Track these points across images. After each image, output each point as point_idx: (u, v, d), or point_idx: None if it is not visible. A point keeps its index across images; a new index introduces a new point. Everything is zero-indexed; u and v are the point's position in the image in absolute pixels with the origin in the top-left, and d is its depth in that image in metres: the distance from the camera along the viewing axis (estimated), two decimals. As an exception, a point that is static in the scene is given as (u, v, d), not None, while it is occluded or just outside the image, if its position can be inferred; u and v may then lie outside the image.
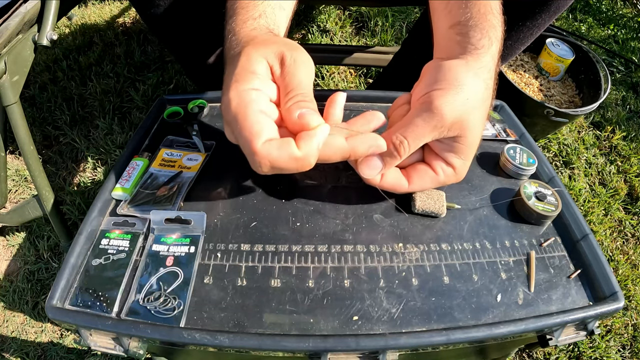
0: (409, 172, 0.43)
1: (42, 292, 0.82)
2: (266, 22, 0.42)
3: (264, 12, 0.42)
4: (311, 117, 0.35)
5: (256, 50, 0.37)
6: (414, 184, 0.42)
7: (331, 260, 0.41)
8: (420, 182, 0.42)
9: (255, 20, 0.41)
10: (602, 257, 0.42)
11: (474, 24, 0.40)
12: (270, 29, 0.42)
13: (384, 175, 0.41)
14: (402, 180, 0.42)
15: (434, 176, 0.42)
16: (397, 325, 0.37)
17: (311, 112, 0.35)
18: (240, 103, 0.34)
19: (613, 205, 1.02)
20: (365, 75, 1.24)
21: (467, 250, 0.43)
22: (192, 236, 0.42)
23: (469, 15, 0.40)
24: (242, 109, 0.34)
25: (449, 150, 0.40)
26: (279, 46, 0.37)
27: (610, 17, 1.60)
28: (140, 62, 1.23)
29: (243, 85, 0.35)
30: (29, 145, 0.64)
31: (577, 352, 0.80)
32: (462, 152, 0.40)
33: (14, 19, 0.53)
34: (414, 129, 0.38)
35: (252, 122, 0.34)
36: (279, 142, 0.33)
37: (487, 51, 0.39)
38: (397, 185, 0.42)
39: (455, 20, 0.41)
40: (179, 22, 0.66)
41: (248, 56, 0.37)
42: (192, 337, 0.35)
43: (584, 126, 1.20)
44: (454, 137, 0.39)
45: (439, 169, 0.42)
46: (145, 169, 0.48)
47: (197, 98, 0.57)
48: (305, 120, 0.34)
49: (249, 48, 0.37)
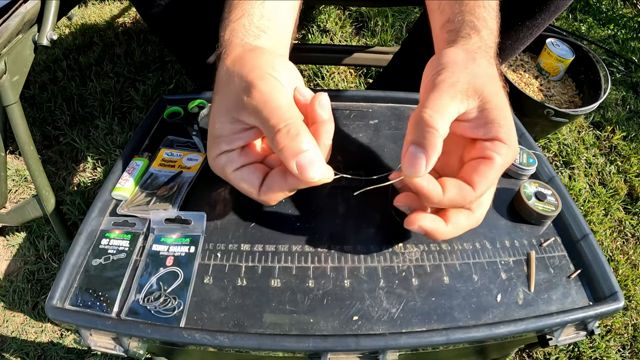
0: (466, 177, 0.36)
1: (42, 292, 0.82)
2: (246, 21, 0.40)
3: (248, 10, 0.40)
4: (311, 171, 0.33)
5: (219, 106, 0.37)
6: (479, 184, 0.35)
7: (331, 260, 0.41)
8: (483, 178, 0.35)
9: (235, 23, 0.40)
10: (602, 257, 0.42)
11: (462, 19, 0.40)
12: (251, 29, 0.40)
13: (444, 188, 0.35)
14: (464, 187, 0.35)
15: (490, 162, 0.35)
16: (397, 325, 0.37)
17: (309, 165, 0.33)
18: (218, 170, 0.39)
19: (613, 205, 1.02)
20: (365, 75, 1.24)
21: (467, 250, 0.43)
22: (192, 236, 0.42)
23: (458, 12, 0.40)
24: (224, 175, 0.38)
25: (484, 123, 0.35)
26: (237, 85, 0.35)
27: (610, 17, 1.60)
28: (140, 62, 1.23)
29: (212, 154, 0.38)
30: (29, 145, 0.64)
31: (577, 352, 0.80)
32: (497, 117, 0.35)
33: (14, 19, 0.53)
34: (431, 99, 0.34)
35: (239, 184, 0.38)
36: (269, 183, 0.37)
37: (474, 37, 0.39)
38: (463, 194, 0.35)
39: (446, 18, 0.41)
40: (180, 22, 0.66)
41: (213, 117, 0.38)
42: (192, 337, 0.35)
43: (584, 126, 1.20)
44: (480, 106, 0.35)
45: (488, 152, 0.35)
46: (145, 169, 0.48)
47: (197, 98, 0.57)
48: (306, 176, 0.33)
49: (215, 99, 0.38)
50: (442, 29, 0.42)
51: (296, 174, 0.34)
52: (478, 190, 0.35)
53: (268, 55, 0.37)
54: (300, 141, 0.33)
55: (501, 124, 0.35)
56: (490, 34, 0.40)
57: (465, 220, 0.37)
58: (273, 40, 0.41)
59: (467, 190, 0.35)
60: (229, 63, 0.37)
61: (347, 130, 0.55)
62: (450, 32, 0.40)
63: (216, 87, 0.38)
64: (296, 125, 0.34)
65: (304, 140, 0.33)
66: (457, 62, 0.36)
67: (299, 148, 0.33)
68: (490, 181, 0.35)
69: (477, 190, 0.35)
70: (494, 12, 0.42)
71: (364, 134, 0.55)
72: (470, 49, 0.38)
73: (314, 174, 0.34)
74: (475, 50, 0.38)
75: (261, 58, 0.37)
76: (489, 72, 0.36)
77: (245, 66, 0.36)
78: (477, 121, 0.36)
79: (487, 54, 0.38)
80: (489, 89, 0.35)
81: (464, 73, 0.35)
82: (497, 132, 0.35)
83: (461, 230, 0.38)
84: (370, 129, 0.56)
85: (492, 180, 0.35)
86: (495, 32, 0.41)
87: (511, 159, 0.36)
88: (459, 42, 0.39)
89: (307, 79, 1.22)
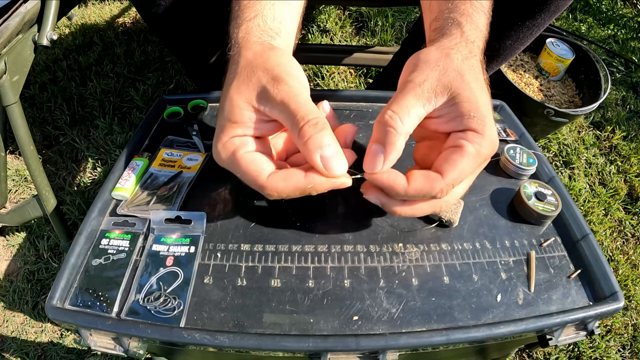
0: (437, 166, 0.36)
1: (42, 292, 0.82)
2: (261, 21, 0.41)
3: (260, 11, 0.41)
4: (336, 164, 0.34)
5: (239, 95, 0.36)
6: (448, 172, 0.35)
7: (331, 260, 0.41)
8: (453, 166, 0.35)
9: (250, 22, 0.40)
10: (602, 257, 0.42)
11: (447, 16, 0.40)
12: (266, 29, 0.40)
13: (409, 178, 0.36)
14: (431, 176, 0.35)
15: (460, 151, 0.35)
16: (397, 325, 0.37)
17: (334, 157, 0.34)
18: (226, 154, 0.37)
19: (613, 205, 1.02)
20: (365, 75, 1.24)
21: (467, 250, 0.43)
22: (192, 236, 0.42)
23: (444, 9, 0.40)
24: (231, 158, 0.36)
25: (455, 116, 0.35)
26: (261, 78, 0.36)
27: (610, 17, 1.60)
28: (140, 62, 1.23)
29: (225, 136, 0.37)
30: (29, 145, 0.64)
31: (577, 352, 0.79)
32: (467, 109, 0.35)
33: (14, 19, 0.53)
34: (396, 101, 0.35)
35: (247, 165, 0.36)
36: (284, 174, 0.35)
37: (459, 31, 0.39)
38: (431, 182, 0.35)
39: (434, 16, 0.41)
40: (180, 22, 0.66)
41: (231, 103, 0.37)
42: (192, 337, 0.35)
43: (584, 126, 1.20)
44: (450, 100, 0.35)
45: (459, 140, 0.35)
46: (145, 169, 0.48)
47: (197, 98, 0.57)
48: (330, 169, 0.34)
49: (232, 89, 0.37)
50: (429, 28, 0.42)
51: (319, 167, 0.34)
52: (447, 178, 0.34)
53: (288, 56, 0.38)
54: (326, 134, 0.34)
55: (472, 116, 0.35)
56: (474, 29, 0.39)
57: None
58: (284, 43, 0.42)
59: (435, 179, 0.35)
60: (250, 57, 0.37)
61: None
62: (435, 30, 0.40)
63: (233, 77, 0.38)
64: (323, 121, 0.34)
65: (329, 134, 0.34)
66: (429, 60, 0.36)
67: (324, 141, 0.33)
68: (461, 169, 0.34)
69: (446, 178, 0.34)
70: (482, 7, 0.41)
71: (364, 134, 0.55)
72: (446, 46, 0.38)
73: (338, 168, 0.34)
74: (451, 47, 0.37)
75: (283, 57, 0.37)
76: (461, 66, 0.36)
77: (270, 61, 0.36)
78: (448, 116, 0.36)
79: (466, 48, 0.38)
80: (458, 84, 0.35)
81: (434, 70, 0.35)
82: (468, 123, 0.35)
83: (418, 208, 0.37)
84: (370, 129, 0.55)
85: (463, 168, 0.35)
86: (481, 27, 0.40)
87: (488, 149, 0.35)
88: (437, 41, 0.39)
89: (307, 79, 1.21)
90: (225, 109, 0.37)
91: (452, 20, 0.40)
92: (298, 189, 0.35)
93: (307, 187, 0.35)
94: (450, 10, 0.40)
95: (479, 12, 0.41)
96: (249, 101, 0.36)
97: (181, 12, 0.64)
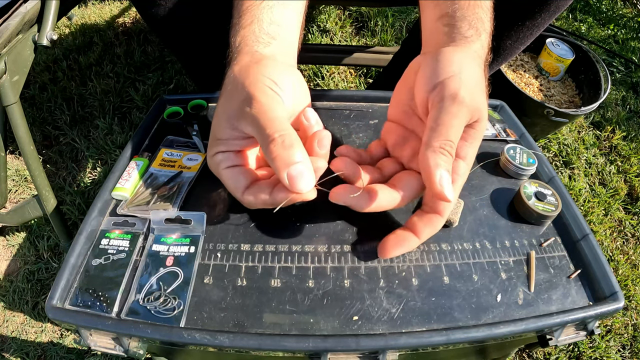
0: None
1: (42, 292, 0.82)
2: (258, 28, 0.41)
3: (257, 16, 0.41)
4: (301, 182, 0.34)
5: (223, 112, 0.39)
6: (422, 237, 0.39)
7: (331, 260, 0.41)
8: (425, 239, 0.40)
9: (246, 29, 0.41)
10: (602, 257, 0.42)
11: (462, 15, 0.40)
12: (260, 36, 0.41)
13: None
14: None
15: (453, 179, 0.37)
16: (397, 325, 0.37)
17: (300, 175, 0.34)
18: (214, 167, 0.41)
19: (613, 205, 1.02)
20: (365, 75, 1.24)
21: (467, 250, 0.43)
22: (192, 236, 0.42)
23: (457, 7, 0.40)
24: (217, 172, 0.40)
25: (464, 139, 0.38)
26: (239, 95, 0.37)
27: (610, 17, 1.60)
28: (140, 62, 1.23)
29: (210, 152, 0.40)
30: (29, 145, 0.64)
31: (577, 352, 0.80)
32: (477, 138, 0.38)
33: (14, 19, 0.53)
34: (449, 128, 0.35)
35: (226, 180, 0.40)
36: (253, 190, 0.38)
37: (477, 40, 0.39)
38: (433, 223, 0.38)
39: (443, 12, 0.41)
40: (180, 22, 0.66)
41: (217, 120, 0.40)
42: (192, 337, 0.35)
43: (584, 126, 1.20)
44: (472, 124, 0.37)
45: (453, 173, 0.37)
46: (145, 169, 0.48)
47: (197, 98, 0.57)
48: (294, 186, 0.34)
49: (220, 102, 0.40)
50: (438, 21, 0.41)
51: (286, 184, 0.34)
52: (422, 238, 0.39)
53: (274, 67, 0.38)
54: (294, 152, 0.34)
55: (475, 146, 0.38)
56: (487, 38, 0.40)
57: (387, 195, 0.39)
58: (282, 47, 0.42)
59: (412, 241, 0.39)
60: (236, 71, 0.39)
61: (347, 130, 0.55)
62: (449, 26, 0.40)
63: (222, 91, 0.40)
64: (290, 137, 0.34)
65: (297, 151, 0.34)
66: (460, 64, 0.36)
67: (291, 159, 0.34)
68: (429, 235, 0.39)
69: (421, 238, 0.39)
70: (489, 12, 0.42)
71: (364, 134, 0.55)
72: (469, 51, 0.38)
73: (303, 186, 0.34)
74: (473, 52, 0.38)
75: (266, 70, 0.38)
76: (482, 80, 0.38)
77: (248, 77, 0.37)
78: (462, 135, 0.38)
79: (481, 58, 0.39)
80: (484, 105, 0.37)
81: (471, 83, 0.36)
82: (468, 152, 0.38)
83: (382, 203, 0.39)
84: (370, 129, 0.56)
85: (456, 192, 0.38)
86: (490, 36, 0.41)
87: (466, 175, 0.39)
88: (456, 42, 0.39)
89: (307, 79, 1.22)
90: (213, 125, 0.40)
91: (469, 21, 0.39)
92: (266, 203, 0.38)
93: (274, 201, 0.37)
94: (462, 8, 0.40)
95: (488, 18, 0.41)
96: (228, 119, 0.38)
97: (181, 13, 0.64)
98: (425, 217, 0.38)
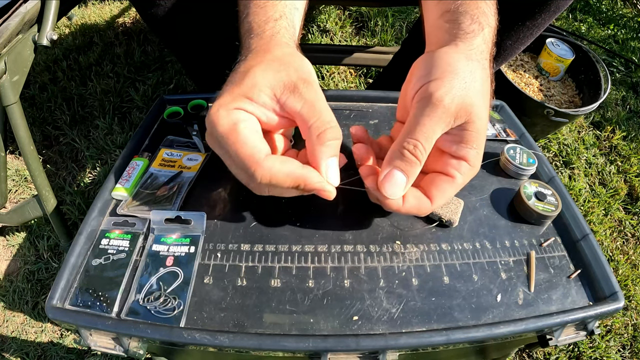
0: (426, 189, 0.39)
1: (42, 292, 0.82)
2: (287, 24, 0.41)
3: (284, 13, 0.41)
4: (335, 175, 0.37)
5: (264, 76, 0.36)
6: (437, 199, 0.39)
7: (331, 260, 0.41)
8: (442, 194, 0.38)
9: (276, 22, 0.40)
10: (602, 257, 0.42)
11: (464, 10, 0.39)
12: (292, 34, 0.41)
13: (405, 198, 0.38)
14: (423, 200, 0.39)
15: (451, 180, 0.38)
16: (397, 325, 0.37)
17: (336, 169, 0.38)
18: (227, 122, 0.35)
19: (613, 205, 1.02)
20: (365, 75, 1.24)
21: (467, 250, 0.43)
22: (192, 236, 0.42)
23: (459, 3, 0.40)
24: (232, 128, 0.35)
25: (458, 142, 0.37)
26: (291, 74, 0.36)
27: (610, 17, 1.60)
28: (140, 62, 1.23)
29: (228, 105, 0.35)
30: (29, 145, 0.64)
31: (577, 352, 0.80)
32: (473, 139, 0.37)
33: (14, 19, 0.53)
34: (421, 128, 0.35)
35: (244, 140, 0.35)
36: (282, 157, 0.36)
37: (478, 34, 0.38)
38: (421, 206, 0.39)
39: (445, 8, 0.40)
40: (180, 22, 0.66)
41: (253, 80, 0.36)
42: (192, 337, 0.35)
43: (584, 126, 1.20)
44: (462, 125, 0.36)
45: (452, 170, 0.38)
46: (145, 169, 0.48)
47: (197, 98, 0.57)
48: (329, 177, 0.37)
49: (257, 69, 0.36)
50: (440, 18, 0.41)
51: (322, 170, 0.37)
52: (435, 204, 0.39)
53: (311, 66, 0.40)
54: (339, 145, 0.37)
55: (474, 147, 0.37)
56: (490, 32, 0.40)
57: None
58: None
59: (425, 203, 0.39)
60: (280, 54, 0.38)
61: (347, 130, 0.55)
62: (451, 22, 0.40)
63: (258, 62, 0.37)
64: (340, 132, 0.37)
65: (339, 146, 0.37)
66: (451, 65, 0.36)
67: (337, 150, 0.37)
68: (448, 195, 0.39)
69: (434, 204, 0.39)
70: (493, 7, 0.41)
71: (364, 134, 0.55)
72: (466, 49, 0.37)
73: (335, 179, 0.37)
74: (470, 50, 0.38)
75: (310, 66, 0.39)
76: (480, 78, 0.37)
77: (303, 66, 0.38)
78: (453, 138, 0.38)
79: (483, 53, 0.38)
80: (477, 107, 0.36)
81: (456, 85, 0.35)
82: (466, 154, 0.37)
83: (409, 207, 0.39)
84: (370, 129, 0.56)
85: (450, 194, 0.39)
86: (495, 30, 0.40)
87: (470, 177, 0.39)
88: (457, 39, 0.38)
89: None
90: (244, 83, 0.35)
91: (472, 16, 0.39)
92: (291, 176, 0.35)
93: (300, 177, 0.36)
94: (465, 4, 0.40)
95: (493, 12, 0.41)
96: (272, 87, 0.36)
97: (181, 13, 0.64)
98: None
